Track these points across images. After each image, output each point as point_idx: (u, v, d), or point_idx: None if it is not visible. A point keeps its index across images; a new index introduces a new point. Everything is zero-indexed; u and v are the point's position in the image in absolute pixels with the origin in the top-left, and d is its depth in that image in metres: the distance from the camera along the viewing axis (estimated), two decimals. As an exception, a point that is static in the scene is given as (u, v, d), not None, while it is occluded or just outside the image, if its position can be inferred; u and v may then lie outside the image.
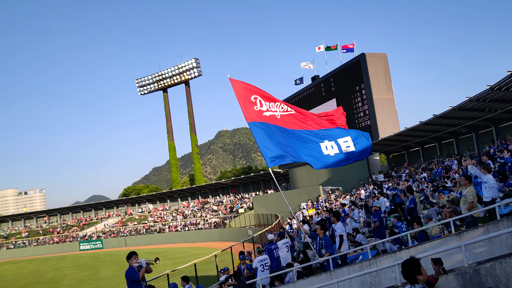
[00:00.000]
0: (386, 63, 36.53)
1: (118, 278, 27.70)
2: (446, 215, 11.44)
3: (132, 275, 8.14)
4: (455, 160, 23.71)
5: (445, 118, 25.64)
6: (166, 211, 66.84)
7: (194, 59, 75.10)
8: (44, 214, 77.66)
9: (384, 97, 35.51)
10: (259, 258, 10.92)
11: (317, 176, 44.26)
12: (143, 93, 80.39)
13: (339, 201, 29.04)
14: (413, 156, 35.63)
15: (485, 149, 23.60)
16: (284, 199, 12.04)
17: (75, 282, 28.95)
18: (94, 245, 60.29)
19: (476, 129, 27.87)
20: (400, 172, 30.68)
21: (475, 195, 9.20)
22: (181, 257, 34.48)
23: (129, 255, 8.36)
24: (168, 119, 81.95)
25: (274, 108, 10.03)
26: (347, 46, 39.45)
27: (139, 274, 8.13)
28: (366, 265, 8.71)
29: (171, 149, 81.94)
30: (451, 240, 7.79)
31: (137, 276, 8.11)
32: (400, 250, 8.70)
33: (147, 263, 8.33)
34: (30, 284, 30.64)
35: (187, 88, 79.04)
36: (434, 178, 23.20)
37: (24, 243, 66.58)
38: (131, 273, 8.16)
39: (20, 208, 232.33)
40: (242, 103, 9.72)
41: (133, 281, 8.15)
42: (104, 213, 73.62)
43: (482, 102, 21.86)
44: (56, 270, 38.04)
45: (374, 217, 11.97)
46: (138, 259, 8.34)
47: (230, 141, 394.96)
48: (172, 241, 53.80)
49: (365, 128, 36.12)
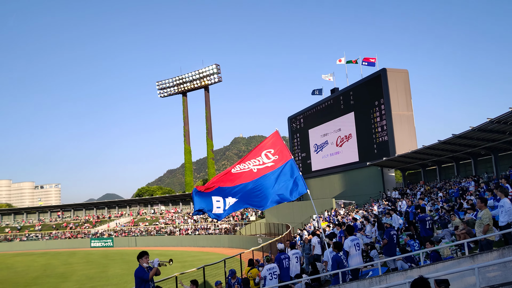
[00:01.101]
0: (407, 80, 36.29)
1: (127, 277, 27.90)
2: (460, 236, 11.28)
3: (142, 274, 8.18)
4: (472, 181, 23.34)
5: (465, 139, 25.31)
6: (178, 214, 67.12)
7: (215, 65, 75.68)
8: (58, 209, 78.75)
9: (403, 113, 35.25)
10: (267, 267, 10.91)
11: (330, 189, 44.02)
12: (163, 95, 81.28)
13: (351, 215, 28.81)
14: (430, 175, 35.18)
15: (504, 173, 23.20)
16: (312, 206, 11.87)
17: (84, 278, 29.25)
18: (105, 243, 60.82)
19: (495, 152, 27.42)
20: (415, 190, 30.31)
21: (491, 218, 9.06)
22: (190, 261, 34.55)
23: (140, 255, 8.39)
24: (185, 123, 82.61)
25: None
26: (369, 60, 39.30)
27: (148, 274, 8.18)
28: (376, 281, 8.63)
29: (186, 152, 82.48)
30: (464, 262, 7.68)
31: (147, 276, 8.15)
32: (412, 269, 8.60)
33: (159, 264, 8.36)
34: (41, 277, 31.06)
35: (206, 93, 79.67)
36: (450, 199, 22.87)
37: (37, 236, 67.54)
38: (141, 272, 8.20)
39: (36, 201, 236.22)
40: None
41: (142, 280, 8.18)
42: (116, 212, 74.29)
43: (503, 125, 21.53)
44: (66, 265, 38.49)
45: (384, 235, 11.87)
46: (150, 259, 8.39)
47: (245, 148, 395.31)
48: (182, 244, 53.93)
49: (381, 143, 35.84)
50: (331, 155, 43.99)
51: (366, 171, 38.45)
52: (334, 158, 43.39)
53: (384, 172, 37.27)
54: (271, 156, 10.66)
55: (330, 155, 44.07)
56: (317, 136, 46.48)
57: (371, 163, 36.57)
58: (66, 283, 27.49)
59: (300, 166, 49.81)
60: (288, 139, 55.73)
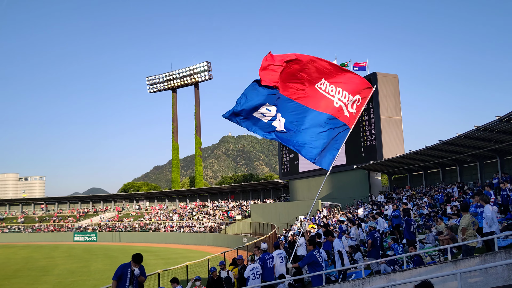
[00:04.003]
0: (397, 85, 36.57)
1: (109, 272, 27.60)
2: (443, 241, 11.37)
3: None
4: (456, 187, 23.59)
5: (451, 145, 25.56)
6: (163, 210, 66.78)
7: (206, 62, 75.47)
8: (42, 201, 77.79)
9: (392, 118, 35.50)
10: (250, 267, 10.87)
11: (316, 191, 44.13)
12: (153, 91, 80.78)
13: (336, 217, 28.93)
14: (416, 180, 35.49)
15: (489, 180, 23.50)
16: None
17: (66, 272, 28.91)
18: (88, 237, 60.25)
19: (481, 159, 27.75)
20: (401, 195, 30.55)
21: (470, 223, 9.09)
22: (173, 258, 34.38)
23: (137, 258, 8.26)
24: (174, 119, 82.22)
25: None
26: (359, 64, 39.46)
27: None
28: (359, 284, 8.65)
29: (174, 149, 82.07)
30: (447, 267, 7.74)
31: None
32: (394, 272, 8.65)
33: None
34: (21, 270, 30.63)
35: (196, 90, 79.38)
36: (435, 204, 23.09)
37: (20, 229, 66.65)
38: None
39: (19, 193, 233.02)
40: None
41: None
42: (101, 207, 73.65)
43: (490, 133, 21.79)
44: (48, 258, 38.02)
45: (368, 237, 11.95)
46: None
47: (234, 147, 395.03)
48: (166, 241, 53.66)
49: (369, 147, 36.04)
50: (319, 157, 44.04)
51: (353, 174, 38.65)
52: (322, 160, 43.44)
53: (370, 175, 37.51)
54: (353, 106, 9.12)
55: (318, 157, 44.12)
56: (306, 137, 46.49)
57: (358, 166, 36.78)
58: (47, 276, 27.14)
59: (287, 167, 49.91)
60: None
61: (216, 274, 11.48)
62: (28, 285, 24.14)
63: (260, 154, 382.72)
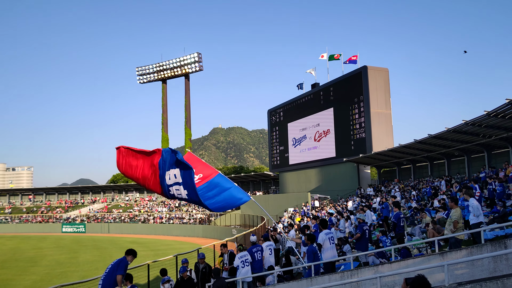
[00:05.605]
0: (387, 78, 36.73)
1: (97, 263, 27.55)
2: (430, 234, 11.52)
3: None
4: (444, 181, 23.87)
5: (440, 139, 25.81)
6: (153, 202, 66.61)
7: (197, 53, 74.87)
8: (30, 192, 77.09)
9: (382, 111, 35.70)
10: (239, 255, 10.86)
11: (306, 183, 44.35)
12: (143, 82, 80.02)
13: (326, 209, 29.13)
14: (404, 173, 35.83)
15: (476, 174, 23.80)
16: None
17: (54, 263, 28.74)
18: (77, 228, 59.92)
19: (469, 153, 28.08)
20: (390, 188, 30.84)
21: (461, 216, 9.26)
22: (163, 249, 34.37)
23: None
24: (164, 111, 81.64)
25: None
26: (351, 59, 39.60)
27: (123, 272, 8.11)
28: (348, 275, 8.74)
29: (164, 140, 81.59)
30: (434, 259, 7.84)
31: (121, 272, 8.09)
32: (383, 264, 8.75)
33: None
34: (9, 261, 30.39)
35: (187, 82, 78.82)
36: (423, 197, 23.35)
37: (7, 219, 66.04)
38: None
39: (6, 183, 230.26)
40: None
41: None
42: (90, 198, 73.23)
43: (478, 127, 22.03)
44: (36, 249, 37.76)
45: (357, 229, 12.05)
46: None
47: (224, 139, 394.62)
48: (156, 232, 53.58)
49: (359, 140, 36.24)
50: (308, 149, 44.26)
51: (343, 167, 38.88)
52: (312, 153, 43.68)
53: (360, 168, 37.77)
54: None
55: (308, 150, 44.35)
56: (296, 130, 46.67)
57: (347, 159, 36.99)
58: (35, 267, 26.96)
59: (278, 160, 50.01)
60: (267, 131, 55.84)
61: (186, 274, 11.22)
62: (16, 275, 23.95)
63: (250, 146, 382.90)
